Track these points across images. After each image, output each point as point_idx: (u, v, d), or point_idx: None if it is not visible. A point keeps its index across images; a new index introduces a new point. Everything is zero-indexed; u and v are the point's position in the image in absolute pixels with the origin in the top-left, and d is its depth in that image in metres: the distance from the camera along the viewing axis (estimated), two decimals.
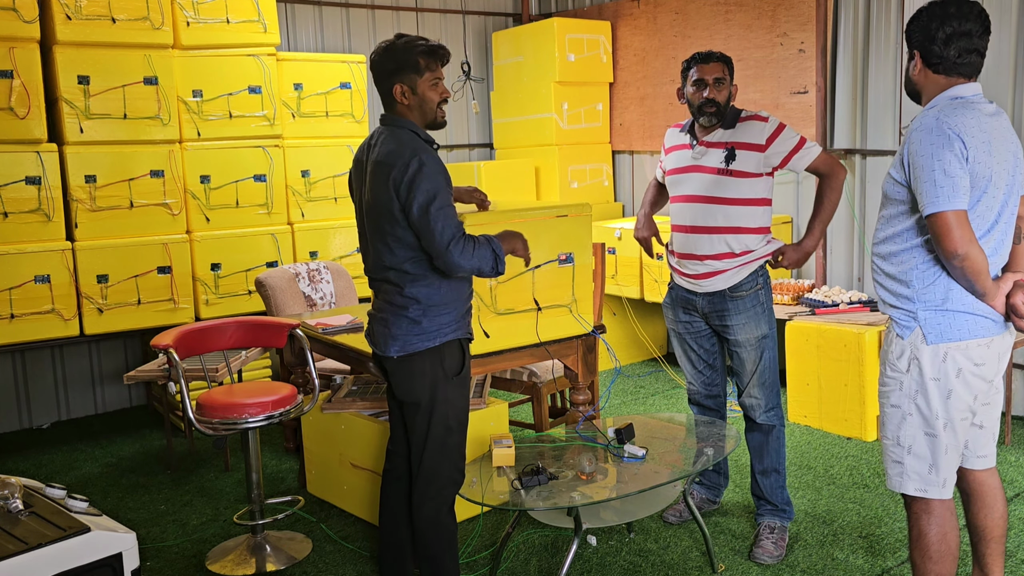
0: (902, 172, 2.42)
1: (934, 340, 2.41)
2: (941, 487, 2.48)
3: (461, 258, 2.60)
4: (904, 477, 2.51)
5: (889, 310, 2.52)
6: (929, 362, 2.42)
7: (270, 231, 5.31)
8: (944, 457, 2.46)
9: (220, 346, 3.68)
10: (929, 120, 2.36)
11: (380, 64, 2.71)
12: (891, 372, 2.50)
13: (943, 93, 2.45)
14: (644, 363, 6.26)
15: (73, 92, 4.68)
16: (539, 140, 6.49)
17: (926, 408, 2.45)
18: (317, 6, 6.23)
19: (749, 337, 3.32)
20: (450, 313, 2.77)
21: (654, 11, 6.22)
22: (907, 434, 2.49)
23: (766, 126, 3.25)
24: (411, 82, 2.69)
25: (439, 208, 2.59)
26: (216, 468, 4.52)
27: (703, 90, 3.25)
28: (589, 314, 3.51)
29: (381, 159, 2.67)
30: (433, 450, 2.81)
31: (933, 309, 2.42)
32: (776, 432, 3.40)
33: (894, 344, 2.49)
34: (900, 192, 2.45)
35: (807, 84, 5.28)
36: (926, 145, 2.33)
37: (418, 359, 2.76)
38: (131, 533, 2.34)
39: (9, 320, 4.55)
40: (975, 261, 2.31)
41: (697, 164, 3.32)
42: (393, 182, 2.61)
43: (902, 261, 2.47)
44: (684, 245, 3.37)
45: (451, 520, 2.90)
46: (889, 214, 2.51)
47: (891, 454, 2.53)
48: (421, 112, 2.73)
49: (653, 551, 3.41)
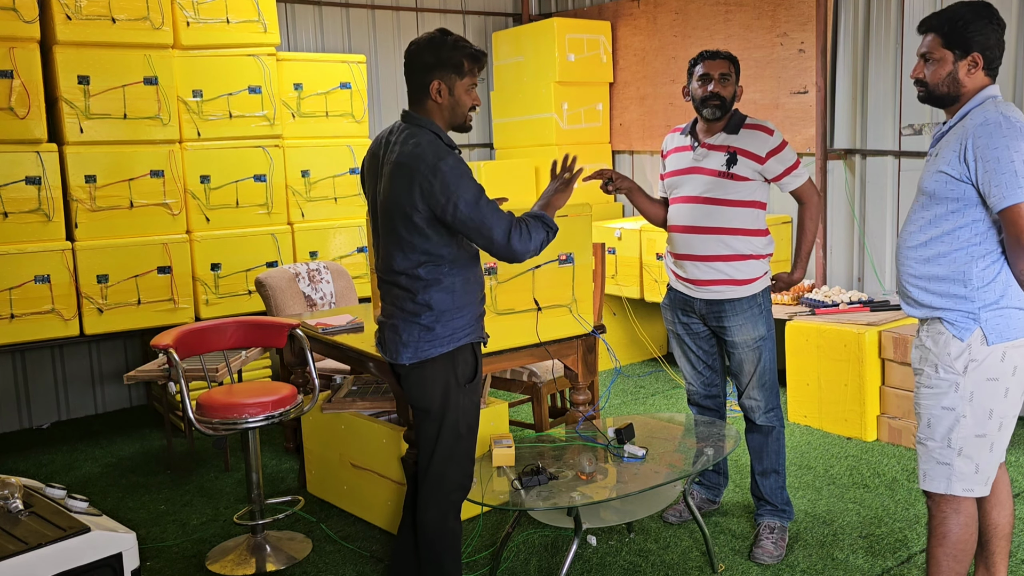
0: (961, 168, 2.36)
1: (995, 340, 2.38)
2: (984, 485, 2.47)
3: (521, 243, 2.57)
4: (952, 479, 2.46)
5: (939, 312, 2.46)
6: (989, 363, 2.39)
7: (270, 231, 5.32)
8: (990, 456, 2.45)
9: (220, 346, 3.68)
10: (994, 114, 2.34)
11: (420, 56, 2.61)
12: (945, 374, 2.44)
13: (984, 91, 2.43)
14: (644, 363, 6.26)
15: (73, 92, 4.68)
16: (539, 140, 6.49)
17: (981, 410, 2.41)
18: (317, 6, 6.23)
19: (747, 338, 3.32)
20: (463, 317, 2.70)
21: (654, 11, 6.22)
22: (960, 436, 2.44)
23: (770, 139, 3.26)
24: (450, 81, 2.61)
25: (487, 203, 2.54)
26: (216, 468, 4.52)
27: (708, 84, 3.26)
28: (589, 314, 3.51)
29: (403, 161, 2.58)
30: (442, 456, 2.76)
31: (992, 308, 2.39)
32: (776, 433, 3.40)
33: (950, 346, 2.43)
34: (956, 189, 2.39)
35: (807, 84, 5.28)
36: (998, 138, 2.29)
37: (430, 365, 2.69)
38: (131, 533, 2.34)
39: (9, 320, 4.55)
40: None
41: (698, 166, 3.32)
42: (421, 189, 2.53)
43: (955, 260, 2.42)
44: (682, 245, 3.36)
45: (457, 525, 2.85)
46: (936, 213, 2.45)
47: (937, 456, 2.48)
48: (452, 113, 2.65)
49: (653, 551, 3.41)
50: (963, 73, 2.44)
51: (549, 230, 2.66)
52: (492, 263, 3.19)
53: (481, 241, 2.58)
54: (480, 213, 2.53)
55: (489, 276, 3.20)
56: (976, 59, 2.43)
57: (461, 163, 2.58)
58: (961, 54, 2.44)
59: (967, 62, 2.43)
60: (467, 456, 2.81)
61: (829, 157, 5.29)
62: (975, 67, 2.43)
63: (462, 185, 2.52)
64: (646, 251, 5.59)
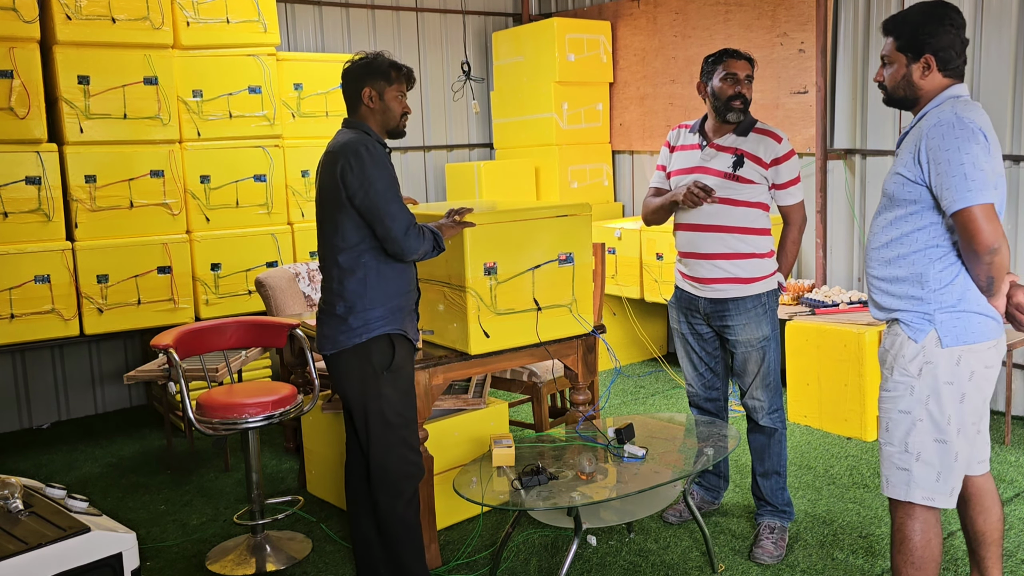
0: (916, 170, 2.35)
1: (950, 343, 2.34)
2: (948, 496, 2.42)
3: (416, 242, 2.79)
4: (911, 485, 2.42)
5: (896, 313, 2.45)
6: (944, 366, 2.35)
7: (270, 231, 5.32)
8: (954, 464, 2.40)
9: (220, 346, 3.69)
10: (948, 115, 2.31)
11: (353, 70, 2.91)
12: (900, 376, 2.42)
13: (944, 93, 2.41)
14: (644, 363, 6.26)
15: (73, 92, 4.68)
16: (539, 140, 6.49)
17: (938, 413, 2.38)
18: (317, 6, 6.23)
19: (750, 338, 3.32)
20: (376, 310, 2.84)
21: (654, 11, 6.22)
22: (916, 440, 2.40)
23: (777, 147, 3.26)
24: (380, 88, 2.88)
25: (396, 197, 2.77)
26: (216, 468, 4.52)
27: (735, 85, 3.25)
28: (589, 314, 3.51)
29: (332, 150, 2.84)
30: (378, 446, 2.91)
31: (949, 311, 2.36)
32: (779, 435, 3.40)
33: (905, 348, 2.40)
34: (913, 191, 2.38)
35: (807, 84, 5.28)
36: (950, 139, 2.27)
37: (346, 356, 2.87)
38: (131, 533, 2.34)
39: (9, 320, 4.55)
40: (1004, 256, 2.26)
41: (705, 165, 3.32)
42: (342, 171, 2.75)
43: (914, 263, 2.40)
44: (688, 244, 3.37)
45: (410, 513, 2.96)
46: (897, 215, 2.44)
47: (896, 461, 2.45)
48: (384, 117, 2.91)
49: (653, 551, 3.41)
50: (917, 76, 2.43)
51: (436, 247, 2.89)
52: (491, 263, 3.19)
53: (381, 229, 2.76)
54: (387, 203, 2.74)
55: (488, 276, 3.20)
56: (928, 61, 2.40)
57: (384, 157, 2.82)
58: (913, 57, 2.43)
59: (920, 65, 2.42)
60: (405, 445, 2.94)
61: (829, 157, 5.29)
62: (928, 69, 2.41)
63: (377, 174, 2.75)
64: (646, 251, 5.59)
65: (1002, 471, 4.05)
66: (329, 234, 2.86)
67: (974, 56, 4.67)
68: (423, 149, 6.82)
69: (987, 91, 4.65)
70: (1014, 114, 4.58)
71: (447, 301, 3.28)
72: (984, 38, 4.64)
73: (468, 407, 3.74)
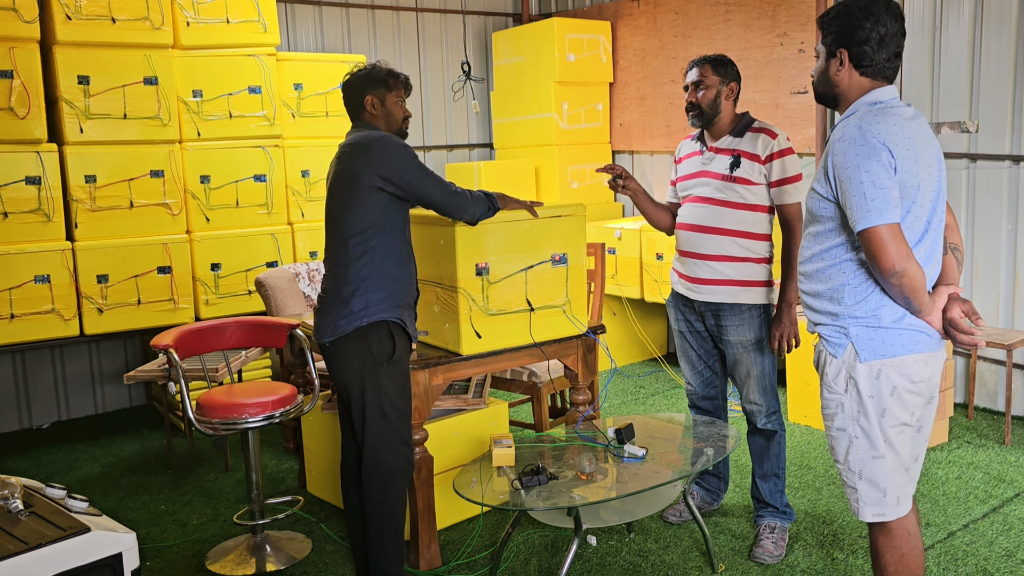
0: (827, 186, 2.27)
1: (867, 357, 2.27)
2: (896, 506, 2.34)
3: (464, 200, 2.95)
4: (861, 504, 2.35)
5: (819, 328, 2.38)
6: (864, 380, 2.28)
7: (270, 231, 5.32)
8: (892, 476, 2.32)
9: (220, 346, 3.69)
10: (851, 129, 2.21)
11: (353, 82, 3.03)
12: (829, 394, 2.35)
13: (862, 98, 2.30)
14: (644, 363, 6.26)
15: (73, 92, 4.68)
16: (539, 140, 6.49)
17: (869, 428, 2.30)
18: (317, 6, 6.23)
19: (742, 339, 3.32)
20: (379, 292, 2.87)
21: (654, 11, 6.22)
22: (856, 458, 2.34)
23: (772, 142, 3.25)
24: (380, 95, 3.00)
25: (427, 172, 2.90)
26: (216, 468, 4.52)
27: (689, 94, 3.34)
28: (583, 314, 3.51)
29: (355, 142, 2.92)
30: (372, 437, 2.93)
31: (864, 325, 2.28)
32: (778, 437, 3.40)
33: (829, 364, 2.34)
34: (827, 208, 2.30)
35: (807, 84, 5.28)
36: (851, 156, 2.18)
37: (346, 344, 2.89)
38: (131, 533, 2.34)
39: (9, 320, 4.55)
40: (913, 277, 2.17)
41: (705, 169, 3.35)
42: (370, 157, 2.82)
43: (830, 277, 2.33)
44: (687, 243, 3.37)
45: (397, 506, 2.98)
46: (816, 231, 2.36)
47: (846, 479, 2.38)
48: (388, 122, 3.03)
49: (653, 551, 3.41)
50: (832, 71, 2.32)
51: (492, 207, 3.04)
52: (483, 263, 3.18)
53: (436, 191, 2.91)
54: (423, 179, 2.89)
55: (480, 276, 3.19)
56: (842, 56, 2.29)
57: (405, 144, 2.94)
58: (830, 51, 2.32)
59: (836, 60, 2.31)
60: (398, 437, 2.97)
61: None
62: (843, 66, 2.30)
63: (408, 157, 2.88)
64: (646, 251, 5.59)
65: (1002, 471, 4.05)
66: (339, 221, 2.90)
67: (975, 56, 4.67)
68: (423, 149, 6.82)
69: (987, 91, 4.65)
70: (1014, 114, 4.57)
71: (440, 302, 3.28)
72: (984, 38, 4.64)
73: (468, 407, 3.74)
